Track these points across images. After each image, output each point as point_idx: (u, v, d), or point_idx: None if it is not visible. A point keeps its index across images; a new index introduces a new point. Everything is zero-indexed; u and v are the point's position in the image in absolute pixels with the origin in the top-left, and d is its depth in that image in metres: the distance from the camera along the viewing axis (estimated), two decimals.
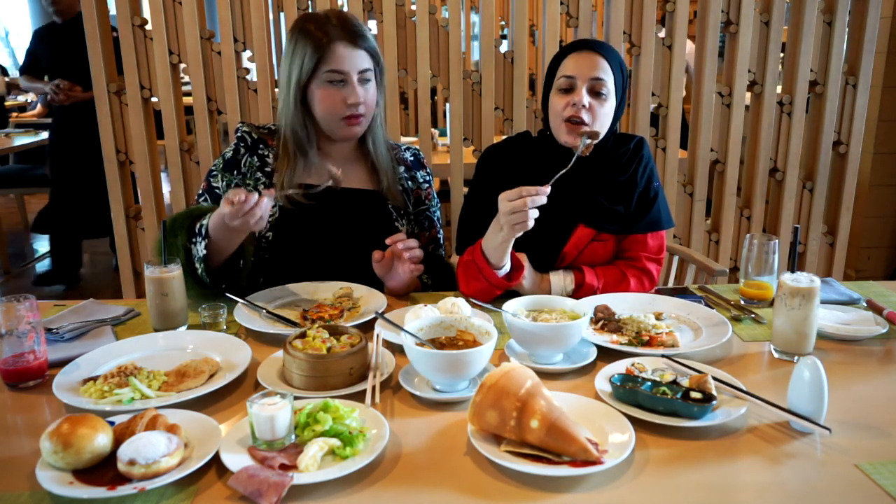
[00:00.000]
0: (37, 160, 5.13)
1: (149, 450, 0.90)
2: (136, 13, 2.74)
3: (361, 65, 1.59)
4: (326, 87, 1.58)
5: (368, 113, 1.64)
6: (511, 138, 1.77)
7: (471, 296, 1.54)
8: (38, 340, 1.21)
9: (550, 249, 1.63)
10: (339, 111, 1.60)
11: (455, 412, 1.11)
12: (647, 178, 1.67)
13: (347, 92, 1.58)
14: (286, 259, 1.67)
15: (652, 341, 1.33)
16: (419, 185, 1.81)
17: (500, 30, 5.63)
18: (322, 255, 1.67)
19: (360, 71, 1.59)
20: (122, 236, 2.95)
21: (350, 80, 1.58)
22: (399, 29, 2.80)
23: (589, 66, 1.55)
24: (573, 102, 1.54)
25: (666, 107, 2.95)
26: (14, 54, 9.82)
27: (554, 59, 1.62)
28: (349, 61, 1.57)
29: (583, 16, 2.82)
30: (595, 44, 1.59)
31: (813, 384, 1.02)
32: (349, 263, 1.66)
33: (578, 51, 1.58)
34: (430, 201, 1.83)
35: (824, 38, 2.95)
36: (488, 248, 1.50)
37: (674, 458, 0.97)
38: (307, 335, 1.22)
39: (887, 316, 1.46)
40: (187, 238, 1.50)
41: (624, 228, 1.64)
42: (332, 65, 1.57)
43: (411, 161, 1.83)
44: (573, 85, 1.55)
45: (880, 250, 3.88)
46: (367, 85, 1.62)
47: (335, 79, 1.58)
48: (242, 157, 1.68)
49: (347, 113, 1.60)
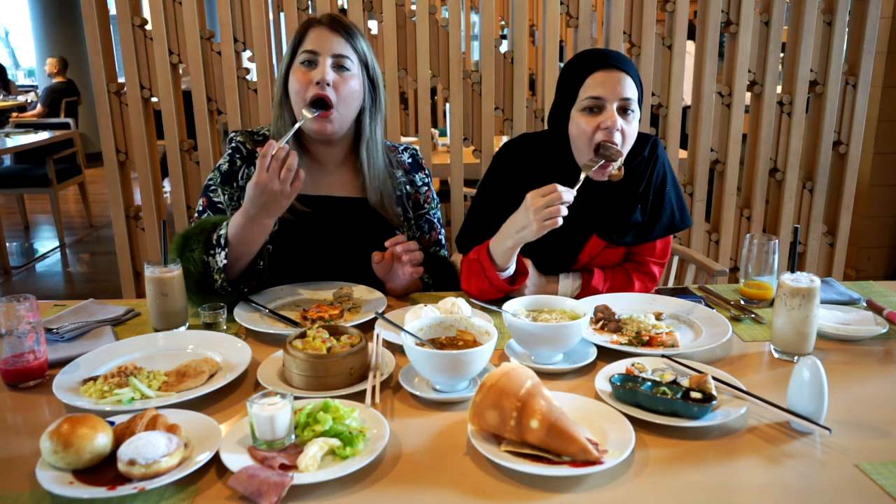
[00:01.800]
0: (37, 160, 5.13)
1: (149, 450, 0.90)
2: (136, 13, 2.74)
3: (336, 49, 1.56)
4: (300, 68, 1.57)
5: (342, 106, 1.56)
6: (528, 135, 1.71)
7: (471, 294, 1.54)
8: (38, 340, 1.21)
9: (563, 258, 1.62)
10: (305, 91, 1.54)
11: (455, 412, 1.11)
12: (662, 178, 1.62)
13: (316, 72, 1.55)
14: (287, 270, 1.65)
15: (652, 341, 1.33)
16: (418, 189, 1.79)
17: (500, 30, 5.63)
18: (322, 265, 1.66)
19: (334, 54, 1.55)
20: (122, 236, 2.94)
21: (321, 62, 1.54)
22: (399, 29, 2.80)
23: (618, 85, 1.46)
24: (605, 126, 1.45)
25: (666, 107, 2.95)
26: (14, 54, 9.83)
27: (572, 74, 1.51)
28: (324, 43, 1.55)
29: (583, 16, 2.82)
30: (618, 59, 1.49)
31: (813, 384, 1.02)
32: (349, 272, 1.66)
33: (605, 69, 1.47)
34: (429, 204, 1.81)
35: (824, 38, 2.95)
36: (497, 250, 1.48)
37: (674, 458, 0.97)
38: (307, 335, 1.22)
39: (887, 316, 1.46)
40: (205, 251, 1.47)
41: (637, 239, 1.61)
42: (306, 45, 1.56)
43: (409, 164, 1.80)
44: (602, 106, 1.46)
45: (880, 250, 3.88)
46: (343, 73, 1.56)
47: (308, 59, 1.56)
48: (239, 168, 1.65)
49: (312, 93, 1.53)
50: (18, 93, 9.40)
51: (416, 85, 2.85)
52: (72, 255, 5.12)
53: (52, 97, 7.13)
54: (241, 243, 1.45)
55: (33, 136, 5.32)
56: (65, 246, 5.25)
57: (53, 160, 4.98)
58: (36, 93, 9.26)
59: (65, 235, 5.32)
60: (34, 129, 5.73)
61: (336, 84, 1.55)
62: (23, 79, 12.26)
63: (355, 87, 1.58)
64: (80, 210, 6.04)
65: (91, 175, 6.59)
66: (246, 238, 1.44)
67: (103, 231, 5.64)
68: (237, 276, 1.52)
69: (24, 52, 12.07)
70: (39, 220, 6.06)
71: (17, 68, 12.63)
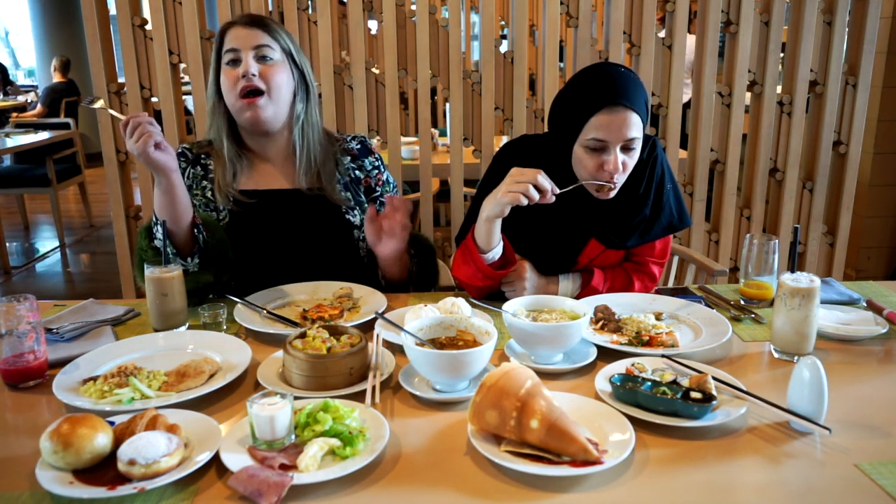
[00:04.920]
0: (37, 160, 5.13)
1: (149, 450, 0.90)
2: (136, 13, 2.74)
3: (255, 41, 1.60)
4: (226, 68, 1.61)
5: (272, 94, 1.61)
6: (529, 137, 1.70)
7: (461, 282, 1.56)
8: (38, 340, 1.21)
9: (563, 260, 1.63)
10: (235, 88, 1.59)
11: (455, 412, 1.11)
12: (661, 178, 1.61)
13: (241, 67, 1.59)
14: (248, 259, 1.66)
15: (652, 341, 1.33)
16: (368, 173, 1.80)
17: (500, 30, 5.63)
18: (278, 255, 1.68)
19: (254, 46, 1.59)
20: (122, 236, 2.95)
21: (243, 57, 1.59)
22: (399, 29, 2.80)
23: (623, 127, 1.42)
24: (606, 168, 1.44)
25: (666, 107, 2.95)
26: (14, 54, 9.83)
27: (577, 107, 1.45)
28: (242, 39, 1.60)
29: (583, 16, 2.82)
30: (625, 95, 1.41)
31: (813, 384, 1.02)
32: (307, 261, 1.68)
33: (610, 109, 1.40)
34: (381, 186, 1.81)
35: (824, 38, 2.95)
36: (478, 228, 1.48)
37: (674, 458, 0.97)
38: (307, 335, 1.22)
39: (887, 316, 1.46)
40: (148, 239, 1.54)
41: (636, 241, 1.61)
42: (227, 45, 1.61)
43: (358, 149, 1.81)
44: (605, 147, 1.43)
45: (880, 250, 3.88)
46: (266, 62, 1.60)
47: (231, 58, 1.60)
48: (185, 169, 1.71)
49: (241, 85, 1.58)
50: (19, 93, 9.40)
51: (416, 85, 2.85)
52: (72, 255, 5.12)
53: (52, 97, 7.13)
54: (161, 207, 1.49)
55: (33, 136, 5.32)
56: (65, 246, 5.25)
57: (53, 160, 4.98)
58: (36, 93, 9.26)
59: (65, 235, 5.32)
60: (34, 129, 5.73)
61: (262, 73, 1.60)
62: (23, 79, 12.26)
63: (282, 74, 1.63)
64: (80, 210, 6.04)
65: (91, 175, 6.58)
66: (162, 202, 1.48)
67: (103, 231, 5.64)
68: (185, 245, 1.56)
69: (24, 52, 12.07)
70: (39, 220, 6.06)
71: (17, 68, 12.64)
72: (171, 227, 1.51)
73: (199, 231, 1.56)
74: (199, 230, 1.57)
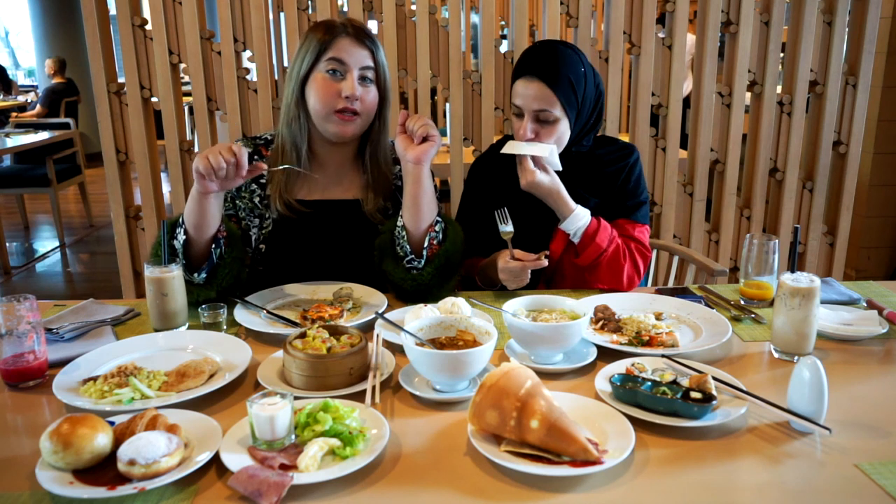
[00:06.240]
0: (37, 160, 5.13)
1: (149, 450, 0.90)
2: (136, 13, 2.74)
3: (363, 62, 1.58)
4: (325, 76, 1.57)
5: (364, 115, 1.61)
6: (495, 145, 1.80)
7: None
8: (38, 340, 1.21)
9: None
10: (333, 102, 1.57)
11: (455, 412, 1.11)
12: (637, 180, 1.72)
13: (345, 85, 1.57)
14: (279, 270, 1.66)
15: (652, 341, 1.33)
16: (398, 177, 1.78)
17: (500, 30, 5.63)
18: (314, 266, 1.67)
19: (361, 67, 1.58)
20: (122, 236, 2.94)
21: (349, 74, 1.57)
22: (399, 29, 2.80)
23: (532, 96, 1.57)
24: (522, 132, 1.60)
25: (666, 107, 2.95)
26: (14, 54, 9.83)
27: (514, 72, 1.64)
28: (352, 55, 1.57)
29: (583, 16, 2.82)
30: (540, 68, 1.56)
31: (813, 384, 1.02)
32: (342, 273, 1.66)
33: (525, 77, 1.58)
34: None
35: (824, 38, 2.95)
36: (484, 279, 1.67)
37: (674, 458, 0.97)
38: (307, 335, 1.22)
39: (887, 316, 1.46)
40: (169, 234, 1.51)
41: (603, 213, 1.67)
42: (334, 53, 1.56)
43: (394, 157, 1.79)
44: (521, 113, 1.60)
45: (880, 250, 3.88)
46: (367, 85, 1.60)
47: (334, 67, 1.57)
48: None
49: (341, 105, 1.56)
50: (19, 93, 9.40)
51: (416, 85, 2.85)
52: (72, 255, 5.12)
53: (51, 97, 7.12)
54: (190, 211, 1.47)
55: (33, 136, 5.32)
56: (65, 246, 5.25)
57: (53, 160, 4.98)
58: (36, 93, 9.26)
59: (65, 235, 5.32)
60: (34, 129, 5.73)
61: (361, 97, 1.58)
62: (23, 79, 12.26)
63: (375, 96, 1.63)
64: (80, 210, 6.04)
65: (91, 175, 6.59)
66: (191, 207, 1.47)
67: (103, 231, 5.64)
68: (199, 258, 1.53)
69: (24, 52, 12.06)
70: (39, 220, 6.06)
71: (17, 68, 12.63)
72: (193, 234, 1.49)
73: (216, 246, 1.52)
74: (218, 245, 1.53)
